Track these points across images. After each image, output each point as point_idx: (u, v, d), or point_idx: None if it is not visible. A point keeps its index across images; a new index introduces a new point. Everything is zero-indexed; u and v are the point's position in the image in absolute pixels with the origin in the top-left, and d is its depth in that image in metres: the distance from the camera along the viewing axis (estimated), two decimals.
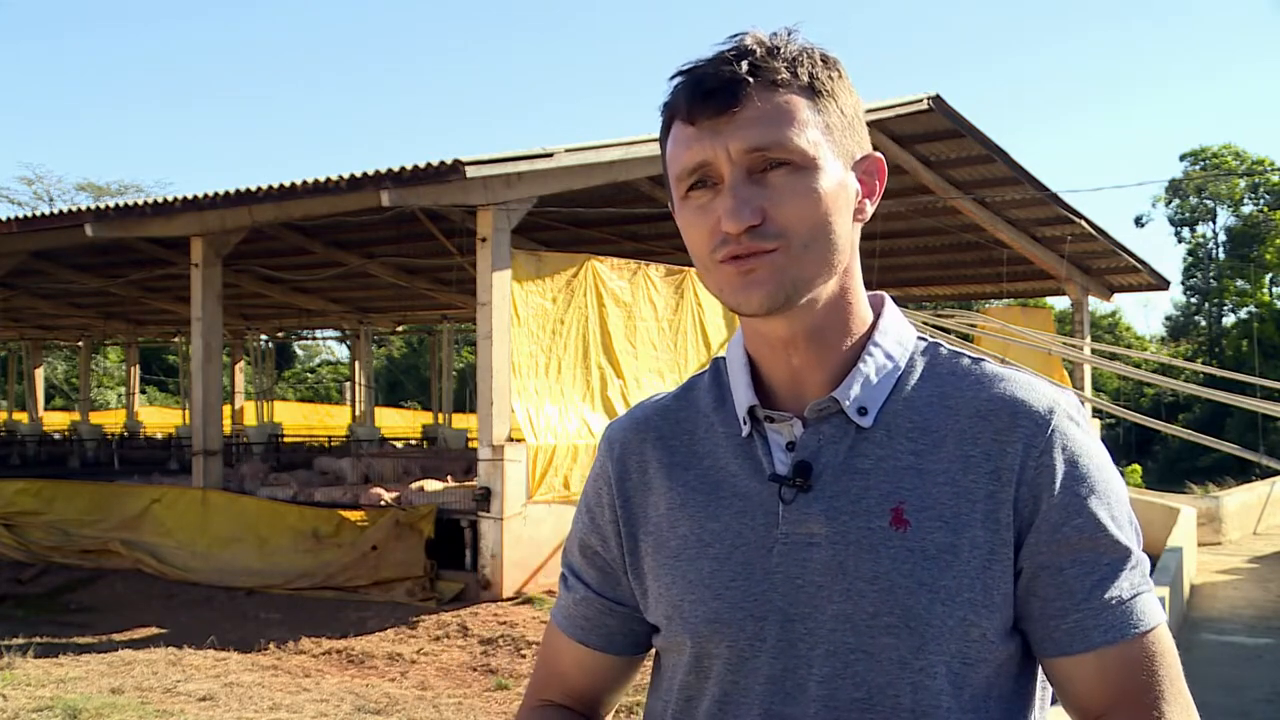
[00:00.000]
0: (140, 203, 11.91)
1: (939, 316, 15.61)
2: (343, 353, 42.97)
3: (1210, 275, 38.90)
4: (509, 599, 9.44)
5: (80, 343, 26.82)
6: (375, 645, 8.23)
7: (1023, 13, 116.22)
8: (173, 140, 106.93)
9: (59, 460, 22.15)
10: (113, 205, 12.27)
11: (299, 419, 30.74)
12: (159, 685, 6.91)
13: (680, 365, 11.63)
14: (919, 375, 1.10)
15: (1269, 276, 36.57)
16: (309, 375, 46.78)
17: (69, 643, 8.34)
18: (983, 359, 1.11)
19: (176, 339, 25.98)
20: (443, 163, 9.23)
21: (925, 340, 1.14)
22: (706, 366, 1.22)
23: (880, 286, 1.11)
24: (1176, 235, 40.63)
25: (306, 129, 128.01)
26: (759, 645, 1.05)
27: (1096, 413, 20.55)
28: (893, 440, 1.06)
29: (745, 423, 1.10)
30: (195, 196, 11.01)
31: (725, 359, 1.18)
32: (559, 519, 9.87)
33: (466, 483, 11.45)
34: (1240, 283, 36.85)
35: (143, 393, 32.96)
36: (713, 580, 1.07)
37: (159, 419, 31.55)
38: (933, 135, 14.25)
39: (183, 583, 10.78)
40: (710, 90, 1.02)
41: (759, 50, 1.03)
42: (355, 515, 10.55)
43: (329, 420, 32.02)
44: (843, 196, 1.05)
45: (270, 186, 10.37)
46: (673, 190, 1.08)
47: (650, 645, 1.22)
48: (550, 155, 9.89)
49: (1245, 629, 8.41)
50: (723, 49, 1.05)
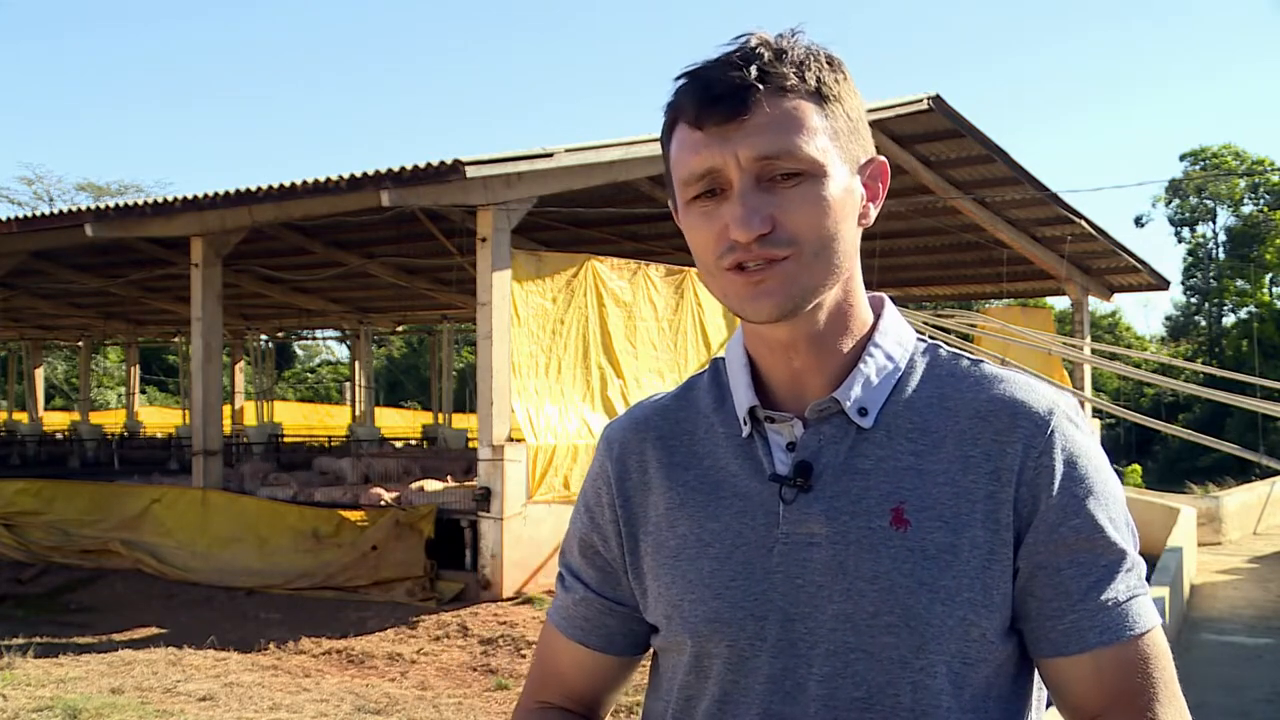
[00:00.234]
0: (140, 203, 11.91)
1: (939, 316, 15.61)
2: (343, 353, 43.02)
3: (1210, 275, 38.90)
4: (509, 599, 9.44)
5: (80, 343, 26.82)
6: (375, 645, 8.23)
7: (1023, 13, 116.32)
8: (173, 140, 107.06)
9: (59, 460, 22.15)
10: (113, 205, 12.27)
11: (299, 419, 30.74)
12: (159, 685, 6.91)
13: (680, 365, 11.63)
14: (919, 376, 1.10)
15: (1269, 276, 36.56)
16: (309, 375, 46.78)
17: (69, 643, 8.33)
18: (982, 360, 1.12)
19: (176, 339, 25.98)
20: (443, 163, 9.23)
21: (924, 341, 1.14)
22: (706, 367, 1.21)
23: (880, 286, 1.11)
24: (1176, 235, 40.67)
25: (306, 129, 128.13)
26: (759, 645, 1.05)
27: (1096, 413, 20.54)
28: (893, 441, 1.06)
29: (746, 423, 1.10)
30: (195, 196, 11.01)
31: (724, 359, 1.17)
32: (559, 519, 9.86)
33: (466, 483, 11.45)
34: (1240, 283, 36.84)
35: (143, 393, 32.96)
36: (713, 580, 1.07)
37: (159, 419, 31.54)
38: (933, 135, 14.24)
39: (183, 583, 10.78)
40: (719, 95, 1.01)
41: (766, 54, 1.02)
42: (355, 515, 10.55)
43: (329, 420, 32.02)
44: (849, 203, 1.05)
45: (270, 186, 10.37)
46: (676, 193, 1.07)
47: (649, 646, 1.22)
48: (550, 155, 9.89)
49: (1245, 629, 8.41)
50: (729, 51, 1.04)
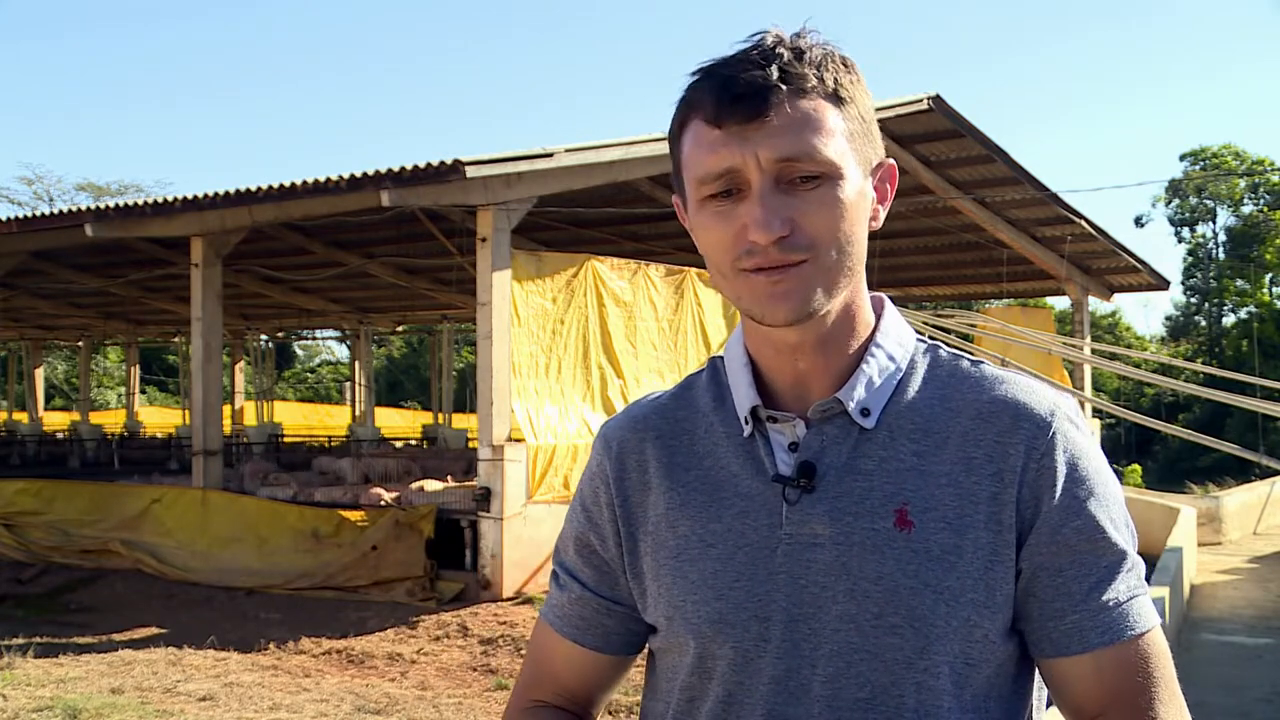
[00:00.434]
0: (140, 203, 11.91)
1: (939, 316, 15.61)
2: (343, 353, 43.01)
3: (1210, 275, 38.88)
4: (509, 599, 9.44)
5: (80, 343, 26.81)
6: (375, 645, 8.22)
7: (1023, 13, 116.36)
8: (173, 140, 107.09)
9: (59, 460, 22.15)
10: (113, 205, 12.27)
11: (299, 419, 30.74)
12: (159, 685, 6.90)
13: (680, 365, 11.62)
14: (920, 377, 1.10)
15: (1269, 276, 36.55)
16: (309, 375, 46.77)
17: (69, 643, 8.33)
18: (982, 361, 1.12)
19: (176, 339, 25.98)
20: (443, 163, 9.22)
21: (925, 342, 1.14)
22: (703, 365, 1.21)
23: (880, 286, 1.10)
24: (1176, 235, 40.65)
25: (306, 129, 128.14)
26: (763, 646, 1.05)
27: (1096, 413, 20.54)
28: (895, 441, 1.06)
29: (747, 422, 1.10)
30: (195, 196, 11.01)
31: (723, 358, 1.17)
32: (559, 519, 9.82)
33: (466, 483, 11.45)
34: (1240, 283, 36.83)
35: (143, 393, 32.96)
36: (716, 580, 1.07)
37: (159, 419, 31.54)
38: (933, 135, 14.24)
39: (183, 583, 10.77)
40: (740, 95, 1.00)
41: (786, 54, 1.01)
42: (355, 515, 10.55)
43: (329, 420, 32.01)
44: (863, 205, 1.05)
45: (270, 186, 10.37)
46: (688, 191, 1.06)
47: (644, 645, 1.21)
48: (550, 155, 9.89)
49: (1245, 629, 8.41)
50: (747, 49, 1.03)
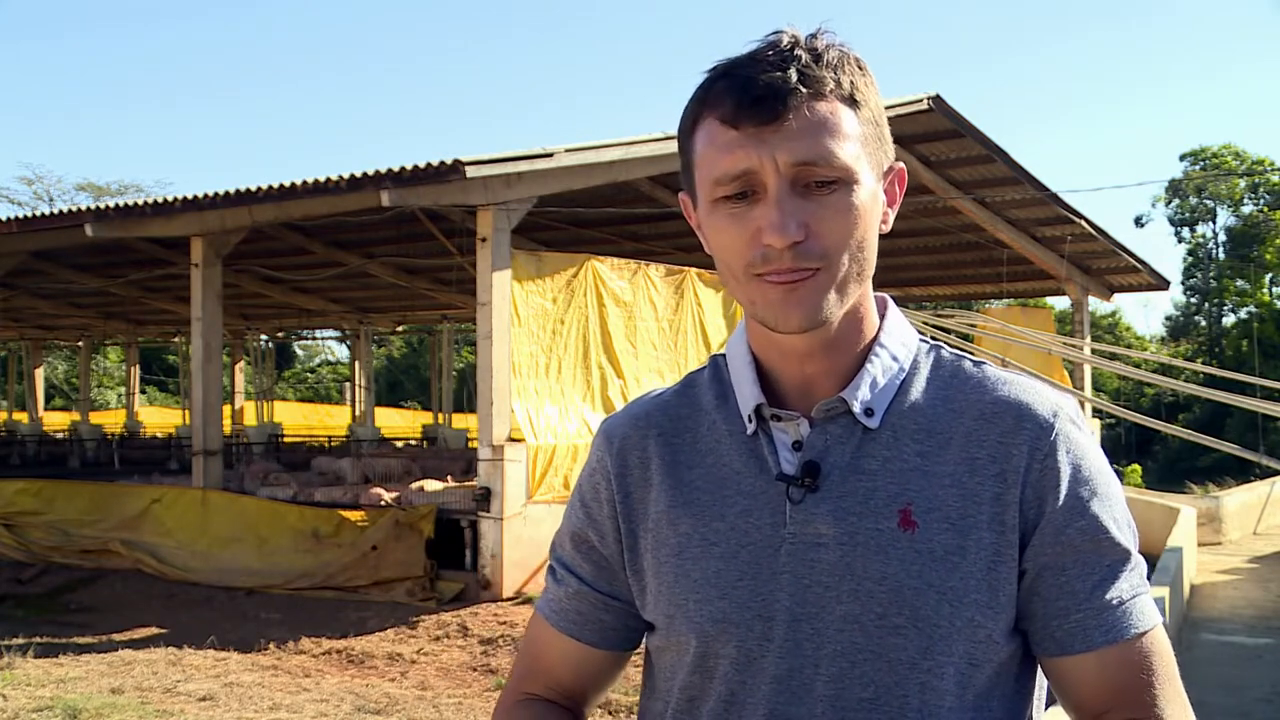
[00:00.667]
0: (140, 203, 11.91)
1: (939, 316, 15.61)
2: (343, 353, 43.01)
3: (1210, 275, 38.88)
4: (509, 599, 9.44)
5: (80, 343, 26.81)
6: (375, 645, 8.22)
7: (1023, 13, 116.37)
8: (173, 140, 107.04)
9: (59, 460, 22.14)
10: (113, 205, 12.27)
11: (299, 419, 30.74)
12: (159, 685, 6.90)
13: (680, 365, 11.62)
14: (923, 378, 1.10)
15: (1269, 276, 36.54)
16: (309, 375, 46.76)
17: (69, 643, 8.33)
18: (984, 362, 1.12)
19: (176, 339, 25.97)
20: (443, 163, 9.22)
21: (927, 343, 1.14)
22: (705, 363, 1.21)
23: (880, 286, 1.10)
24: (1176, 235, 40.65)
25: (306, 129, 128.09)
26: (766, 645, 1.04)
27: (1096, 413, 20.54)
28: (899, 442, 1.06)
29: (751, 421, 1.10)
30: (195, 196, 11.01)
31: (725, 356, 1.17)
32: (559, 519, 9.78)
33: (466, 483, 11.44)
34: (1240, 283, 36.82)
35: (143, 393, 32.95)
36: (719, 579, 1.07)
37: (159, 419, 31.54)
38: (933, 135, 14.25)
39: (183, 583, 10.77)
40: (760, 97, 0.99)
41: (804, 55, 1.01)
42: (355, 515, 10.55)
43: (329, 420, 32.01)
44: (875, 210, 1.05)
45: (270, 186, 10.37)
46: (700, 191, 1.06)
47: (639, 644, 1.21)
48: (550, 155, 9.89)
49: (1245, 629, 8.41)
50: (764, 50, 1.02)
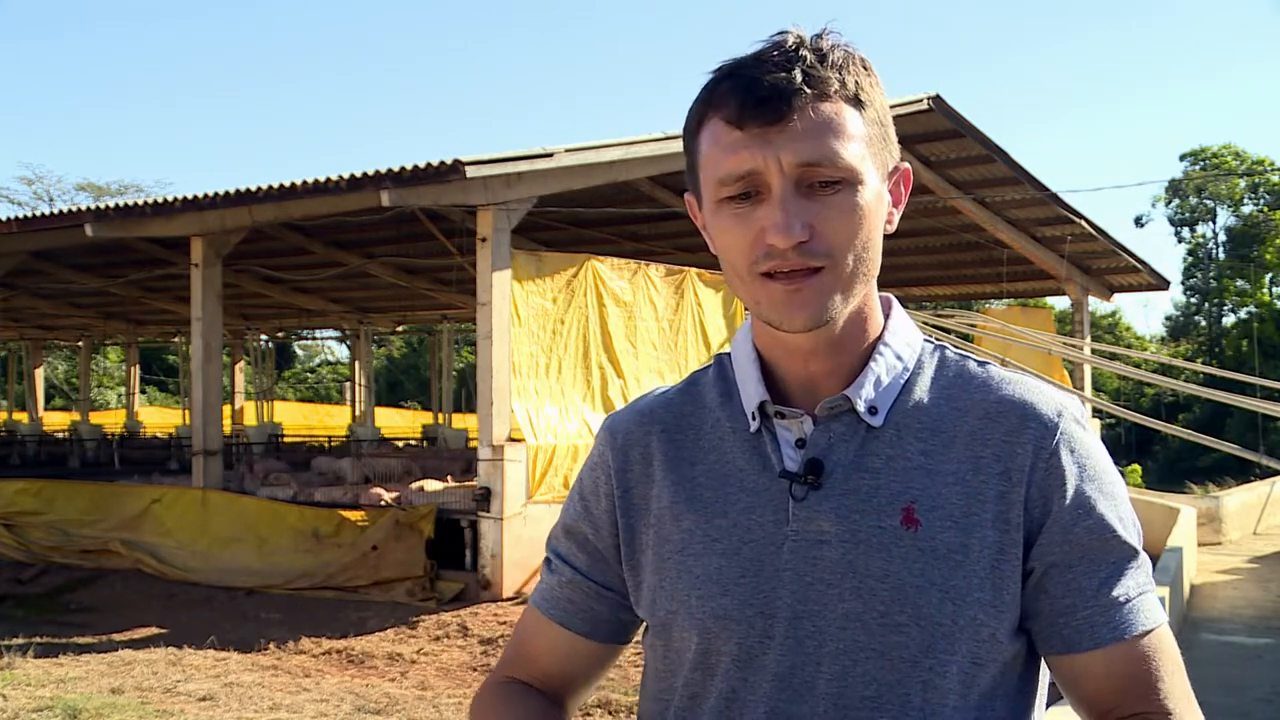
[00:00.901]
0: (140, 203, 11.92)
1: (939, 316, 15.61)
2: (343, 353, 43.00)
3: (1210, 275, 38.88)
4: (509, 599, 9.44)
5: (80, 343, 26.81)
6: (375, 645, 8.22)
7: (1023, 13, 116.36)
8: (172, 140, 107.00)
9: (59, 460, 22.14)
10: (113, 205, 12.27)
11: (299, 419, 30.73)
12: (159, 685, 6.90)
13: (680, 365, 11.63)
14: (928, 377, 1.10)
15: (1269, 276, 36.55)
16: (309, 375, 46.76)
17: (69, 643, 8.33)
18: (988, 362, 1.12)
19: (176, 339, 25.97)
20: (443, 163, 9.23)
21: (931, 343, 1.14)
22: (710, 362, 1.21)
23: (881, 286, 1.10)
24: (1176, 235, 40.66)
25: (306, 129, 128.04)
26: (767, 643, 1.04)
27: (1096, 413, 20.55)
28: (902, 440, 1.06)
29: (755, 418, 1.10)
30: (195, 196, 11.01)
31: (730, 354, 1.17)
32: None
33: (466, 483, 11.44)
34: (1240, 283, 36.83)
35: (143, 393, 32.94)
36: (721, 576, 1.07)
37: (159, 419, 31.53)
38: (933, 135, 14.24)
39: (183, 583, 10.77)
40: (764, 97, 1.00)
41: (809, 56, 1.01)
42: (355, 515, 10.55)
43: (329, 420, 32.00)
44: (880, 210, 1.05)
45: (270, 186, 10.37)
46: (705, 191, 1.06)
47: (628, 639, 1.21)
48: (550, 155, 9.89)
49: (1245, 629, 8.41)
50: (769, 50, 1.03)
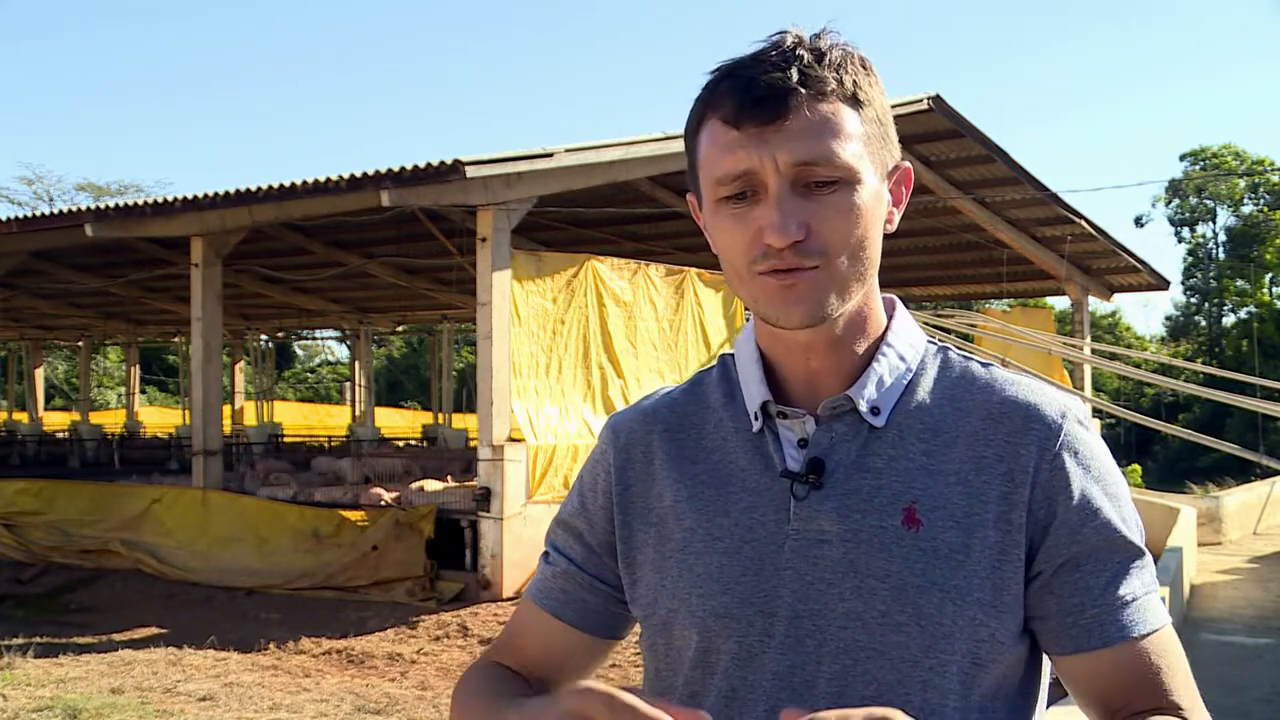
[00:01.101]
0: (140, 203, 11.92)
1: (939, 316, 15.61)
2: (343, 353, 42.99)
3: (1210, 275, 38.89)
4: (509, 599, 9.44)
5: (80, 343, 26.80)
6: (375, 645, 8.23)
7: (1023, 13, 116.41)
8: (173, 140, 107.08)
9: (59, 460, 22.14)
10: (113, 205, 12.27)
11: (299, 419, 30.72)
12: (159, 685, 6.90)
13: (680, 365, 11.63)
14: (931, 378, 1.10)
15: (1269, 276, 36.56)
16: (309, 375, 46.76)
17: (69, 643, 8.33)
18: (992, 364, 1.12)
19: (176, 339, 25.97)
20: (443, 163, 9.22)
21: (935, 344, 1.14)
22: (714, 362, 1.21)
23: (881, 286, 1.10)
24: (1176, 235, 40.67)
25: (306, 129, 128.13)
26: (767, 641, 1.04)
27: (1096, 413, 20.55)
28: (904, 440, 1.06)
29: (757, 418, 1.10)
30: (195, 196, 11.01)
31: (733, 355, 1.17)
32: None
33: (466, 483, 11.44)
34: (1240, 283, 36.84)
35: (143, 393, 32.94)
36: (721, 574, 1.07)
37: (159, 419, 31.52)
38: (933, 135, 14.23)
39: (183, 583, 10.78)
40: (760, 97, 1.00)
41: (806, 55, 1.01)
42: (355, 515, 10.55)
43: (329, 420, 31.99)
44: (878, 209, 1.05)
45: (270, 186, 10.37)
46: (704, 191, 1.07)
47: (618, 635, 1.21)
48: (550, 155, 9.89)
49: (1245, 629, 8.41)
50: (766, 50, 1.03)
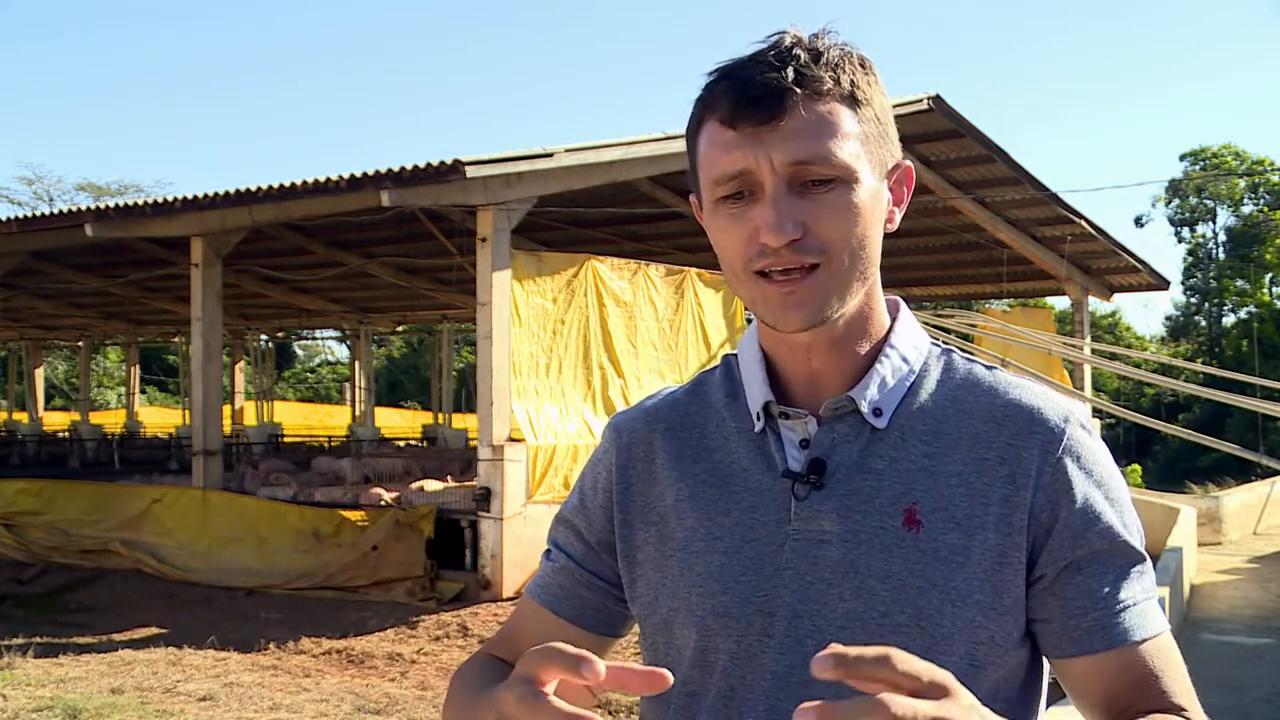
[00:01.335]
0: (140, 203, 11.91)
1: (939, 316, 15.61)
2: (343, 353, 42.99)
3: (1210, 275, 38.89)
4: (509, 599, 9.44)
5: (80, 343, 26.80)
6: (375, 645, 8.23)
7: (1023, 13, 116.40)
8: (172, 140, 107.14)
9: (59, 460, 22.14)
10: (113, 205, 12.27)
11: (299, 419, 30.73)
12: (159, 685, 6.90)
13: (680, 365, 11.63)
14: (934, 380, 1.10)
15: (1269, 276, 36.57)
16: (309, 375, 46.77)
17: (69, 643, 8.33)
18: (996, 367, 1.12)
19: (176, 339, 25.97)
20: (443, 163, 9.22)
21: (939, 346, 1.14)
22: (718, 362, 1.21)
23: (881, 287, 1.10)
24: (1176, 235, 40.68)
25: (306, 129, 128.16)
26: (766, 641, 1.05)
27: (1096, 413, 20.54)
28: (906, 442, 1.06)
29: (759, 418, 1.10)
30: (195, 196, 11.01)
31: (737, 355, 1.17)
32: None
33: (466, 483, 11.44)
34: (1240, 283, 36.85)
35: (143, 393, 32.94)
36: (722, 574, 1.07)
37: (159, 419, 31.52)
38: (933, 135, 14.23)
39: (183, 583, 10.78)
40: (756, 97, 1.00)
41: (803, 55, 1.01)
42: (355, 515, 10.55)
43: (329, 420, 31.99)
44: (878, 209, 1.05)
45: (270, 186, 10.37)
46: (703, 192, 1.07)
47: (616, 632, 1.21)
48: (550, 155, 9.89)
49: (1245, 629, 8.41)
50: (763, 50, 1.03)
